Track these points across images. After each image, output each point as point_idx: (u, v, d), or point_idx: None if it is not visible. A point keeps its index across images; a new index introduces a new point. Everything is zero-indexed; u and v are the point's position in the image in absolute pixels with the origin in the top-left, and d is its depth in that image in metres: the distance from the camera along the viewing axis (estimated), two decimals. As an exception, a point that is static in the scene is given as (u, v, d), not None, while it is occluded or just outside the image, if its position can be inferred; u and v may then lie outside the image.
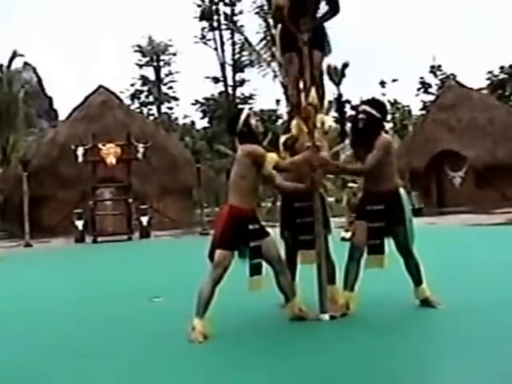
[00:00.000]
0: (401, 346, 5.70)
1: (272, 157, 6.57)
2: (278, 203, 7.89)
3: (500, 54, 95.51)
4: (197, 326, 6.17)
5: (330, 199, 31.40)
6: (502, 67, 50.90)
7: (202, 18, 45.45)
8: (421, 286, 7.02)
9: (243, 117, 6.75)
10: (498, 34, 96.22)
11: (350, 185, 15.95)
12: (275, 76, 35.61)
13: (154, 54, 55.61)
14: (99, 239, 23.43)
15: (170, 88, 57.09)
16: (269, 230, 6.75)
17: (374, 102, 7.23)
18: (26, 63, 64.98)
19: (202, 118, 55.10)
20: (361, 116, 7.09)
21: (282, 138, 7.48)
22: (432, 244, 12.33)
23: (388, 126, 50.85)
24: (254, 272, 6.50)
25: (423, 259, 7.11)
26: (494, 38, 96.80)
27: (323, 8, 7.22)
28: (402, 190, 6.96)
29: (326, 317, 6.70)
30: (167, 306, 8.24)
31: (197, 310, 6.24)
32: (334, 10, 7.22)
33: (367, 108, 7.09)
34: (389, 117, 52.05)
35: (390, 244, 7.04)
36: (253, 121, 6.80)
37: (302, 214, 7.09)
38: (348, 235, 14.27)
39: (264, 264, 6.57)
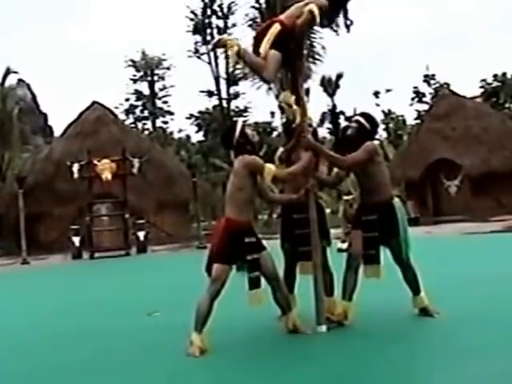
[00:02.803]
0: (399, 355, 5.70)
1: (270, 167, 6.57)
2: (275, 215, 7.95)
3: (493, 62, 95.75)
4: (195, 341, 6.16)
5: (327, 210, 31.54)
6: (495, 75, 51.03)
7: (195, 31, 45.52)
8: (419, 296, 7.03)
9: (239, 128, 6.76)
10: (491, 43, 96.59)
11: (346, 198, 15.95)
12: (269, 88, 35.66)
13: (147, 68, 55.62)
14: (96, 255, 23.40)
15: (165, 102, 57.12)
16: (265, 242, 6.75)
17: (367, 116, 7.35)
18: (20, 80, 64.94)
19: (197, 132, 55.20)
20: (352, 124, 7.23)
21: (278, 152, 7.49)
22: (429, 253, 12.33)
23: (383, 135, 50.98)
24: (253, 285, 6.48)
25: (421, 269, 7.13)
26: (486, 46, 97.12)
27: None
28: (396, 201, 6.98)
29: (323, 328, 6.71)
30: (165, 321, 8.23)
31: (195, 325, 6.23)
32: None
33: (360, 118, 7.24)
34: (383, 127, 52.25)
35: (387, 254, 7.05)
36: (249, 131, 6.83)
37: (301, 225, 7.10)
38: (344, 246, 14.31)
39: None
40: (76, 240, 23.68)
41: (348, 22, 7.17)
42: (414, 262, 7.07)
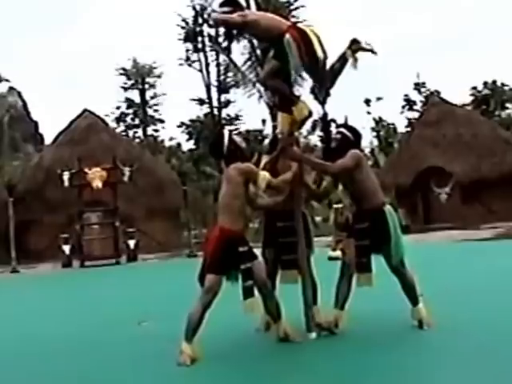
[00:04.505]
0: (390, 364, 5.69)
1: (264, 174, 6.57)
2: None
3: (483, 69, 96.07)
4: (185, 350, 6.13)
5: (317, 218, 31.49)
6: (485, 83, 51.23)
7: (186, 39, 45.52)
8: (417, 307, 7.00)
9: (227, 136, 6.75)
10: (481, 50, 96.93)
11: (336, 206, 15.95)
12: (260, 96, 35.65)
13: (138, 76, 55.54)
14: (86, 263, 23.34)
15: (156, 110, 57.04)
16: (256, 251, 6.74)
17: (350, 127, 7.47)
18: (11, 87, 64.83)
19: (188, 140, 55.05)
20: (336, 136, 7.27)
21: (262, 162, 7.46)
22: (419, 261, 12.32)
23: (374, 143, 51.01)
24: (248, 295, 6.44)
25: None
26: (476, 53, 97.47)
27: None
28: (387, 208, 6.97)
29: (313, 335, 6.73)
30: (156, 330, 8.19)
31: (185, 334, 6.20)
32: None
33: (343, 130, 7.32)
34: (374, 134, 52.30)
35: (382, 263, 7.02)
36: (237, 138, 6.83)
37: (285, 233, 7.10)
38: (335, 254, 14.32)
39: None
40: (66, 248, 23.62)
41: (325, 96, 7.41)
42: (412, 273, 7.04)
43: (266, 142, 48.76)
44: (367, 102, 55.50)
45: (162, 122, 57.74)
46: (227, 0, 6.98)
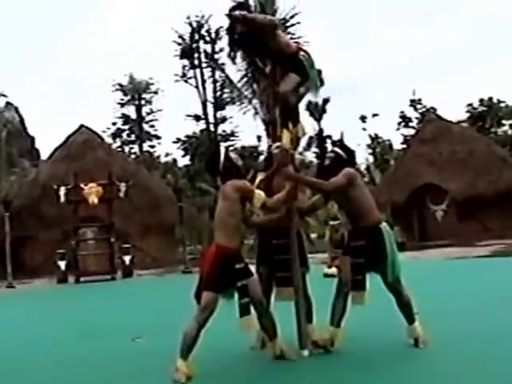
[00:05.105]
0: (385, 382, 5.68)
1: (260, 194, 6.57)
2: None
3: (479, 86, 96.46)
4: (180, 367, 6.11)
5: (313, 235, 31.48)
6: (481, 100, 51.36)
7: (182, 55, 45.61)
8: (413, 325, 6.98)
9: (223, 152, 6.76)
10: (477, 67, 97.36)
11: (332, 223, 15.94)
12: (256, 113, 35.69)
13: (135, 92, 55.61)
14: (82, 279, 23.27)
15: (152, 126, 57.09)
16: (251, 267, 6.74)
17: (343, 146, 7.58)
18: (8, 103, 64.91)
19: (184, 156, 55.06)
20: (329, 155, 7.36)
21: (257, 180, 7.45)
22: (416, 279, 12.32)
23: (369, 160, 51.07)
24: (244, 312, 6.43)
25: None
26: (473, 71, 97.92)
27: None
28: (384, 226, 6.98)
29: (306, 353, 6.72)
30: (151, 347, 8.16)
31: (181, 351, 6.18)
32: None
33: (336, 149, 7.39)
34: (370, 151, 52.38)
35: (378, 280, 7.01)
36: (233, 155, 6.83)
37: (280, 250, 7.09)
38: (331, 271, 14.32)
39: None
40: (62, 264, 23.55)
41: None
42: (408, 291, 7.03)
43: (262, 158, 48.88)
44: (363, 118, 55.62)
45: (157, 137, 57.81)
46: (238, 4, 6.92)
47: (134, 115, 56.37)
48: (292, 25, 35.49)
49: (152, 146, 58.09)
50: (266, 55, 7.10)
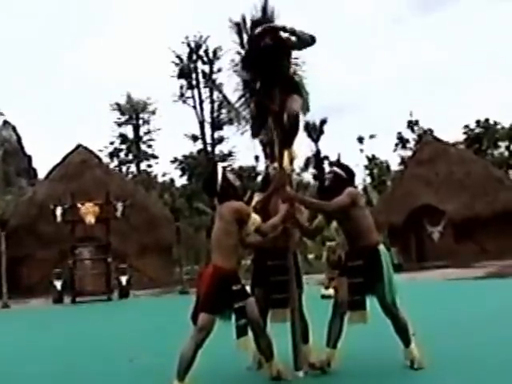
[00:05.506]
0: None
1: (255, 218, 6.54)
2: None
3: (476, 108, 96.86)
4: (177, 388, 6.08)
5: (310, 256, 31.45)
6: (477, 121, 51.54)
7: (180, 75, 45.74)
8: (409, 348, 6.95)
9: (220, 173, 6.76)
10: (474, 89, 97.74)
11: (329, 244, 15.92)
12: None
13: (132, 112, 55.71)
14: (78, 299, 23.20)
15: (149, 146, 57.16)
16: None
17: (342, 165, 7.55)
18: (5, 121, 65.05)
19: (181, 176, 55.13)
20: (329, 175, 7.38)
21: (254, 201, 7.45)
22: (413, 300, 12.31)
23: (367, 181, 51.18)
24: (241, 333, 6.42)
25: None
26: (469, 92, 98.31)
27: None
28: (381, 247, 6.97)
29: (301, 374, 6.69)
30: (148, 367, 8.13)
31: (177, 373, 6.13)
32: (306, 43, 7.04)
33: (335, 169, 7.40)
34: (367, 172, 52.51)
35: (375, 303, 7.00)
36: (230, 175, 6.83)
37: (276, 272, 7.08)
38: (328, 292, 14.29)
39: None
40: (58, 284, 23.50)
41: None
42: (404, 313, 7.01)
43: (259, 178, 48.92)
44: (360, 139, 55.83)
45: (155, 157, 57.85)
46: (259, 21, 6.93)
47: (131, 135, 56.44)
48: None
49: (149, 166, 58.15)
50: (274, 74, 7.03)
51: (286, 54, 7.03)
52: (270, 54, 6.78)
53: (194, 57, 45.64)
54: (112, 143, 56.29)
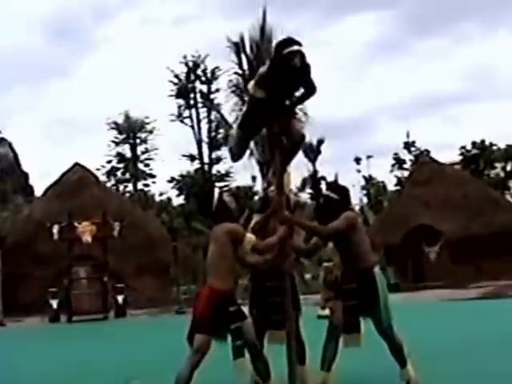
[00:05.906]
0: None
1: (250, 237, 6.53)
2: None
3: (472, 129, 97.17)
4: (173, 409, 6.08)
5: (307, 276, 31.43)
6: (474, 143, 51.63)
7: (178, 95, 45.90)
8: (405, 368, 6.96)
9: (216, 195, 6.77)
10: (470, 110, 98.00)
11: (326, 264, 15.94)
12: (251, 153, 35.83)
13: (130, 131, 55.76)
14: (74, 318, 23.14)
15: (147, 165, 57.18)
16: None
17: (334, 187, 7.75)
18: (1, 138, 65.02)
19: (179, 195, 55.11)
20: (322, 200, 7.51)
21: (252, 222, 7.47)
22: (409, 320, 12.33)
23: (364, 201, 51.26)
24: (238, 355, 6.39)
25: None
26: (465, 113, 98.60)
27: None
28: (376, 270, 6.98)
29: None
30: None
31: (174, 394, 6.15)
32: (310, 91, 7.02)
33: (327, 192, 7.49)
34: (364, 192, 52.59)
35: (370, 324, 7.02)
36: (226, 198, 6.83)
37: (273, 293, 7.06)
38: (324, 313, 14.29)
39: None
40: (54, 303, 23.43)
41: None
42: (399, 335, 7.02)
43: (256, 198, 48.94)
44: (357, 160, 55.97)
45: (152, 176, 57.86)
46: (288, 40, 6.69)
47: (128, 154, 56.47)
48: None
49: (146, 185, 58.13)
50: (289, 96, 6.93)
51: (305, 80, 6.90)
52: (295, 76, 6.64)
53: (192, 76, 45.87)
54: (109, 162, 56.33)
